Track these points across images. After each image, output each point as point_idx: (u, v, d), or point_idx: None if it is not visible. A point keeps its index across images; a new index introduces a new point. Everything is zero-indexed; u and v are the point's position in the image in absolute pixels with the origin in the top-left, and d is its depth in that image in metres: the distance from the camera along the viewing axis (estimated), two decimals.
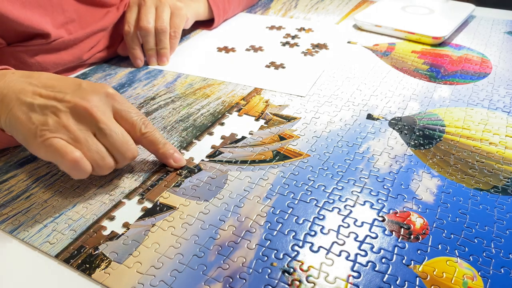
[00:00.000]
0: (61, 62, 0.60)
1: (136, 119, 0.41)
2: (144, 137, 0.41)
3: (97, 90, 0.39)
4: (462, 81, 0.61)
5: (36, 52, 0.56)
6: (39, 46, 0.56)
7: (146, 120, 0.42)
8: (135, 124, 0.41)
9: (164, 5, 0.66)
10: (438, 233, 0.36)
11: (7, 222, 0.38)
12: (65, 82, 0.40)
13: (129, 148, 0.40)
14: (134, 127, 0.41)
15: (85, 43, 0.62)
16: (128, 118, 0.40)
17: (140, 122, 0.41)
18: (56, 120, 0.37)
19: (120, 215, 0.38)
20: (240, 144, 0.48)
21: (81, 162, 0.36)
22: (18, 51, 0.55)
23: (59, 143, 0.36)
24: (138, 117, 0.41)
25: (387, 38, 0.76)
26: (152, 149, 0.43)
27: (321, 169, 0.44)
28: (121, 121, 0.40)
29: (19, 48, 0.55)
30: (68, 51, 0.60)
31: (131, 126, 0.41)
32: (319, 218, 0.38)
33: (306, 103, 0.56)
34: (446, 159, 0.45)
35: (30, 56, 0.56)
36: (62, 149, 0.36)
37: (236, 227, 0.37)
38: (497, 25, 0.82)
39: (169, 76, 0.63)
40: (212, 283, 0.32)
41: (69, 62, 0.61)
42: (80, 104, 0.37)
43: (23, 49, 0.55)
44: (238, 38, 0.76)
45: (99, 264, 0.34)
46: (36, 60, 0.56)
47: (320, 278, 0.33)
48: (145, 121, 0.42)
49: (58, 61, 0.59)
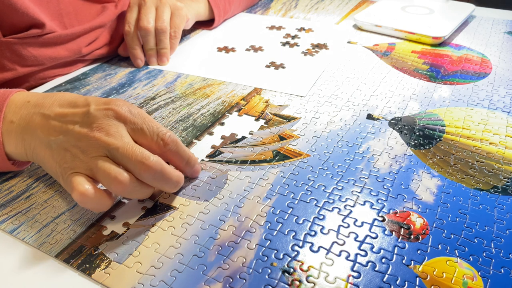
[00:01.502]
0: (58, 56, 0.60)
1: (152, 135, 0.38)
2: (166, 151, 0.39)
3: (105, 114, 0.37)
4: (462, 81, 0.61)
5: (31, 45, 0.56)
6: (34, 39, 0.56)
7: (163, 133, 0.38)
8: (153, 141, 0.38)
9: (164, 5, 0.66)
10: (438, 233, 0.36)
11: (7, 222, 0.38)
12: (75, 110, 0.38)
13: (139, 156, 0.36)
14: (153, 143, 0.38)
15: (82, 39, 0.62)
16: (143, 136, 0.38)
17: (157, 137, 0.38)
18: (71, 156, 0.36)
19: (120, 215, 0.39)
20: (240, 144, 0.48)
21: (86, 193, 0.34)
22: (13, 43, 0.55)
23: (71, 178, 0.35)
24: (153, 133, 0.38)
25: (387, 38, 0.76)
26: (177, 165, 0.41)
27: (321, 169, 0.44)
28: (139, 139, 0.38)
29: (14, 40, 0.54)
30: (64, 45, 0.60)
31: (150, 143, 0.38)
32: (319, 218, 0.38)
33: (306, 103, 0.56)
34: (446, 159, 0.45)
35: (25, 49, 0.56)
36: (71, 183, 0.35)
37: (236, 227, 0.37)
38: (497, 25, 0.82)
39: (169, 76, 0.64)
40: (212, 283, 0.32)
41: (66, 57, 0.61)
42: (88, 136, 0.36)
43: (18, 41, 0.55)
44: (238, 38, 0.76)
45: (99, 264, 0.34)
46: (32, 53, 0.56)
47: (320, 278, 0.33)
48: (163, 134, 0.38)
49: (54, 55, 0.59)
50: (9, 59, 0.55)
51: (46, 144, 0.37)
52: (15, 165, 0.41)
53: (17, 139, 0.39)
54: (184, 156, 0.40)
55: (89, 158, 0.36)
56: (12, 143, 0.39)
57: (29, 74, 0.58)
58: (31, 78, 0.59)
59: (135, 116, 0.38)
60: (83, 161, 0.36)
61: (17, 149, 0.39)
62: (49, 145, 0.37)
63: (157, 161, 0.36)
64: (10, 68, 0.55)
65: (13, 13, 0.53)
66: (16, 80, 0.57)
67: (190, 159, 0.41)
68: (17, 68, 0.56)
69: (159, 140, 0.38)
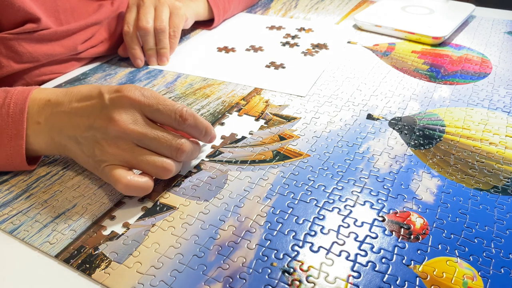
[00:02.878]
0: (53, 53, 0.59)
1: (169, 113, 0.39)
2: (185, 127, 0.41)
3: (119, 102, 0.39)
4: (462, 81, 0.61)
5: (26, 40, 0.56)
6: (29, 35, 0.56)
7: (180, 110, 0.40)
8: (171, 118, 0.40)
9: (163, 5, 0.66)
10: (438, 233, 0.36)
11: (7, 222, 0.38)
12: (91, 102, 0.39)
13: (173, 143, 0.39)
14: (171, 121, 0.40)
15: (78, 35, 0.62)
16: (161, 116, 0.40)
17: (174, 115, 0.40)
18: (100, 149, 0.38)
19: (120, 215, 0.39)
20: (240, 144, 0.48)
21: (132, 183, 0.38)
22: (8, 39, 0.54)
23: (111, 171, 0.38)
24: (171, 111, 0.39)
25: (387, 38, 0.76)
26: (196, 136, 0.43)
27: (321, 169, 0.44)
28: (157, 119, 0.40)
29: (9, 36, 0.54)
30: (60, 42, 0.60)
31: (169, 121, 0.40)
32: (319, 218, 0.38)
33: (306, 103, 0.56)
34: (446, 159, 0.45)
35: (21, 45, 0.56)
36: (114, 177, 0.38)
37: (236, 227, 0.37)
38: (497, 25, 0.82)
39: (169, 76, 0.63)
40: (212, 283, 0.32)
41: (61, 53, 0.60)
42: (111, 128, 0.38)
43: (13, 37, 0.55)
44: (238, 38, 0.76)
45: (99, 264, 0.34)
46: (27, 49, 0.56)
47: (320, 278, 0.33)
48: (180, 111, 0.40)
49: (49, 52, 0.59)
50: (4, 55, 0.55)
51: (75, 140, 0.40)
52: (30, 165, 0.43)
53: (46, 138, 0.41)
54: (202, 127, 0.42)
55: (121, 150, 0.38)
56: (42, 142, 0.41)
57: (24, 71, 0.58)
58: (26, 75, 0.59)
59: (149, 99, 0.39)
60: (115, 154, 0.38)
61: (48, 146, 0.41)
62: (78, 141, 0.40)
63: (186, 142, 0.40)
64: (5, 64, 0.55)
65: (9, 7, 0.53)
66: (11, 77, 0.57)
67: (208, 128, 0.43)
68: (12, 65, 0.56)
69: (177, 117, 0.40)
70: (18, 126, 0.40)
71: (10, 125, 0.40)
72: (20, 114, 0.40)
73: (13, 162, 0.41)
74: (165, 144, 0.39)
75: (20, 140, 0.40)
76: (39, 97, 0.41)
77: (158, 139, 0.39)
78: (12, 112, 0.40)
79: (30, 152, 0.42)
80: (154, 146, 0.39)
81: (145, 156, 0.39)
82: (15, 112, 0.40)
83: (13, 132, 0.40)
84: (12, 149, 0.41)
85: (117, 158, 0.38)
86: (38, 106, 0.41)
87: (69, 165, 0.45)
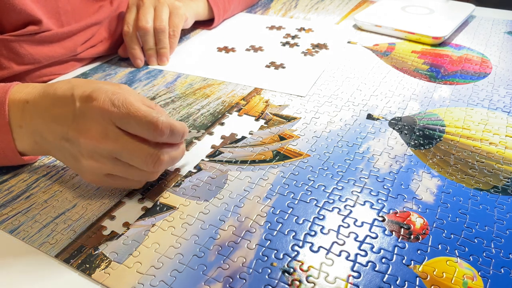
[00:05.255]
0: (54, 54, 0.59)
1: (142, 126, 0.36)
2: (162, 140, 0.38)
3: (89, 113, 0.36)
4: (462, 81, 0.61)
5: (27, 42, 0.56)
6: (30, 37, 0.56)
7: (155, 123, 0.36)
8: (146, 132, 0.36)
9: (162, 5, 0.66)
10: (438, 233, 0.36)
11: (7, 222, 0.38)
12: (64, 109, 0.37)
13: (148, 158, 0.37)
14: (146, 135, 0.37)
15: (78, 36, 0.62)
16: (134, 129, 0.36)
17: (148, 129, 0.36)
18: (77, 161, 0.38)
19: (120, 215, 0.38)
20: (240, 144, 0.48)
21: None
22: (10, 41, 0.54)
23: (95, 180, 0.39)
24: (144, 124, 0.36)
25: (387, 38, 0.76)
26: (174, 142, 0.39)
27: (321, 169, 0.44)
28: (130, 131, 0.36)
29: (10, 38, 0.54)
30: (60, 43, 0.60)
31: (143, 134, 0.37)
32: (319, 218, 0.38)
33: (306, 103, 0.56)
34: (446, 159, 0.45)
35: (22, 47, 0.56)
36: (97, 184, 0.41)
37: (236, 227, 0.37)
38: (497, 25, 0.82)
39: (169, 76, 0.63)
40: (212, 283, 0.32)
41: (62, 55, 0.60)
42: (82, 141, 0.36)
43: (14, 38, 0.55)
44: (238, 38, 0.76)
45: (99, 264, 0.34)
46: (28, 51, 0.56)
47: (320, 278, 0.33)
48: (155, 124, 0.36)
49: (51, 53, 0.59)
50: (5, 57, 0.55)
51: (56, 147, 0.39)
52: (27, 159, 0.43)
53: (30, 141, 0.40)
54: (178, 134, 0.38)
55: (100, 164, 0.37)
56: (27, 145, 0.41)
57: (25, 72, 0.58)
58: (27, 76, 0.59)
59: (119, 109, 0.35)
60: (93, 167, 0.37)
61: (34, 149, 0.41)
62: (59, 149, 0.39)
63: (163, 152, 0.38)
64: (6, 66, 0.55)
65: (10, 10, 0.53)
66: (12, 78, 0.57)
67: (185, 133, 0.39)
68: (13, 66, 0.56)
69: (152, 132, 0.36)
70: (1, 120, 0.39)
71: None
72: (1, 106, 0.39)
73: (6, 155, 0.41)
74: (140, 158, 0.36)
75: (7, 134, 0.39)
76: (18, 98, 0.40)
77: (132, 153, 0.36)
78: None
79: (20, 153, 0.41)
80: (129, 159, 0.37)
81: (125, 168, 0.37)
82: None
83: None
84: (1, 142, 0.40)
85: (95, 171, 0.37)
86: (18, 109, 0.40)
87: None
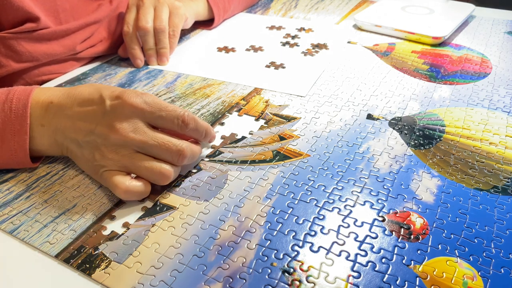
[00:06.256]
0: (53, 52, 0.59)
1: (172, 119, 0.40)
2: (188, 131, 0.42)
3: (121, 110, 0.39)
4: (462, 81, 0.61)
5: (26, 40, 0.56)
6: (28, 34, 0.56)
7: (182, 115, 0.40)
8: (173, 124, 0.40)
9: (162, 5, 0.66)
10: (438, 233, 0.36)
11: (7, 222, 0.38)
12: (93, 108, 0.40)
13: (174, 148, 0.39)
14: (174, 127, 0.41)
15: (77, 35, 0.62)
16: (164, 123, 0.40)
17: (177, 121, 0.40)
18: (100, 154, 0.39)
19: (120, 215, 0.39)
20: (240, 144, 0.48)
21: (130, 189, 0.38)
22: (8, 38, 0.54)
23: (110, 177, 0.39)
24: (173, 117, 0.40)
25: (387, 38, 0.76)
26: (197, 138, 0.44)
27: (321, 169, 0.44)
28: (160, 125, 0.41)
29: (8, 35, 0.54)
30: (59, 41, 0.60)
31: (171, 127, 0.41)
32: (319, 218, 0.38)
33: (306, 103, 0.56)
34: (446, 159, 0.45)
35: (20, 45, 0.56)
36: (113, 183, 0.38)
37: (236, 227, 0.37)
38: (497, 25, 0.82)
39: (169, 76, 0.63)
40: (212, 283, 0.32)
41: (60, 53, 0.60)
42: (111, 136, 0.38)
43: (12, 36, 0.55)
44: (238, 38, 0.76)
45: (99, 264, 0.34)
46: (26, 49, 0.56)
47: (320, 278, 0.33)
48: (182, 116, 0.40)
49: (49, 51, 0.59)
50: (3, 54, 0.55)
51: (77, 143, 0.41)
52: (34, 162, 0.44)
53: (50, 140, 0.42)
54: (202, 129, 0.43)
55: (121, 156, 0.39)
56: (46, 143, 0.42)
57: (24, 70, 0.58)
58: (26, 75, 0.59)
59: (151, 106, 0.39)
60: (114, 160, 0.39)
61: (51, 147, 0.42)
62: (79, 144, 0.40)
63: (187, 147, 0.40)
64: (4, 64, 0.55)
65: (8, 7, 0.53)
66: (10, 76, 0.57)
67: (208, 130, 0.44)
68: (12, 64, 0.56)
69: (179, 123, 0.40)
70: (22, 122, 0.41)
71: (13, 120, 0.41)
72: (23, 109, 0.41)
73: (17, 157, 0.42)
74: (166, 150, 0.39)
75: (24, 135, 0.41)
76: (42, 99, 0.42)
77: (159, 146, 0.39)
78: (15, 107, 0.41)
79: (33, 152, 0.43)
80: (155, 152, 0.39)
81: (144, 162, 0.39)
82: (18, 107, 0.41)
83: (16, 128, 0.41)
84: (16, 144, 0.41)
85: (116, 163, 0.39)
86: (41, 109, 0.41)
87: (69, 165, 0.44)
